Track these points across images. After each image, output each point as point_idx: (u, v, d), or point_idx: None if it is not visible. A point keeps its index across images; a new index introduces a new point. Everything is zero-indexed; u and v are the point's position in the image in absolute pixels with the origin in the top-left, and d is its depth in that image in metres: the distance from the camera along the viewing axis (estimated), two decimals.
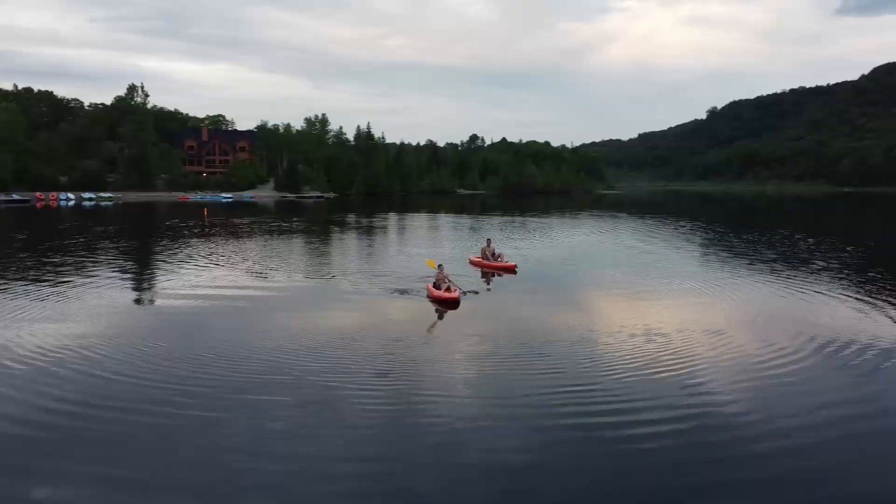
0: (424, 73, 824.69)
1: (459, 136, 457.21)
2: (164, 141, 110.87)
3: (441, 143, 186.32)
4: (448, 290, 16.84)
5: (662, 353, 12.53)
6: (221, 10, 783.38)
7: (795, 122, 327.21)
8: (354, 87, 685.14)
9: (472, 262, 25.07)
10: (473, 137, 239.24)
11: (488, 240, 25.99)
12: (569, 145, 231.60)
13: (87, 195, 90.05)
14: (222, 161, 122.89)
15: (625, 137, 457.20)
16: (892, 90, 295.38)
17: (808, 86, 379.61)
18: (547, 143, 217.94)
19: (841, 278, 22.45)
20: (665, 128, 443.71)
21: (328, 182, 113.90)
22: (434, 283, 17.42)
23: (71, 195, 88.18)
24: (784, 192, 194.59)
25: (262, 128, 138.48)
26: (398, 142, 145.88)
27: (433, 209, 77.80)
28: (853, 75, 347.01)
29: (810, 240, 37.62)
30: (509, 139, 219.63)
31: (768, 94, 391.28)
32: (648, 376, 11.12)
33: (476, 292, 18.35)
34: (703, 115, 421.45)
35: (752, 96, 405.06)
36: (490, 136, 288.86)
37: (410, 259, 26.80)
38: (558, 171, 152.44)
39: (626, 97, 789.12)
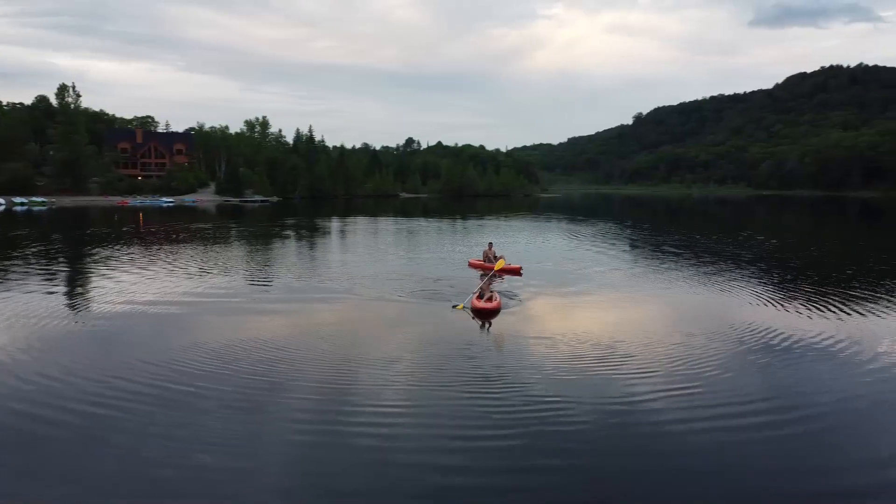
0: (354, 76, 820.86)
1: (393, 140, 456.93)
2: (92, 143, 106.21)
3: (376, 147, 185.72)
4: (489, 300, 16.62)
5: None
6: (138, 7, 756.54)
7: (716, 128, 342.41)
8: (283, 89, 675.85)
9: (473, 265, 25.21)
10: (409, 141, 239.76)
11: (490, 243, 26.17)
12: (502, 149, 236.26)
13: (18, 199, 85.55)
14: (158, 164, 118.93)
15: (555, 142, 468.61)
16: (803, 98, 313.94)
17: (726, 93, 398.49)
18: (482, 147, 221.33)
19: (761, 276, 24.03)
20: (593, 132, 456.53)
21: (271, 186, 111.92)
22: (479, 294, 17.06)
23: (1, 199, 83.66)
24: (708, 194, 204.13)
25: (199, 130, 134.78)
26: (332, 145, 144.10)
27: (382, 213, 77.78)
28: (768, 84, 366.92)
29: (736, 239, 40.72)
30: (445, 143, 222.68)
31: (690, 101, 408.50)
32: (569, 376, 11.32)
33: (521, 301, 17.92)
34: (629, 121, 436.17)
35: (674, 103, 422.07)
36: (426, 140, 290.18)
37: (379, 264, 26.68)
38: (498, 174, 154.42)
39: (553, 102, 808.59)
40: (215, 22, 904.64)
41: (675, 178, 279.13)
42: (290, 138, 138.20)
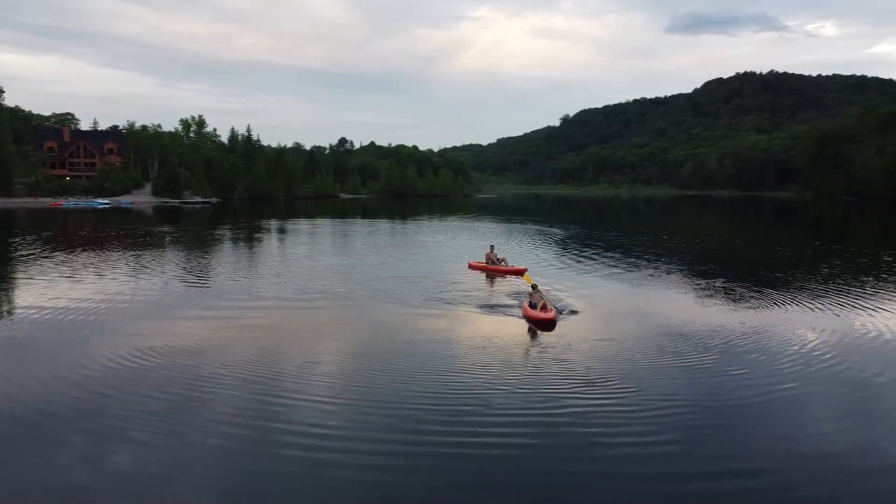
0: (281, 74, 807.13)
1: (325, 139, 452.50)
2: (12, 142, 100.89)
3: (307, 146, 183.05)
4: (544, 308, 16.06)
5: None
6: None
7: (639, 131, 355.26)
8: (205, 86, 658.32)
9: (473, 267, 25.86)
10: (343, 141, 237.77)
11: (492, 246, 26.94)
12: (434, 149, 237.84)
13: None
14: (88, 164, 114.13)
15: (484, 142, 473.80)
16: (720, 103, 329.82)
17: (648, 97, 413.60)
18: (415, 148, 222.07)
19: (685, 272, 26.22)
20: (521, 133, 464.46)
21: (210, 186, 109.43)
22: (530, 303, 16.54)
23: None
24: (636, 194, 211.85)
25: (130, 129, 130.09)
26: (265, 144, 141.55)
27: (329, 214, 77.50)
28: (687, 88, 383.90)
29: (663, 237, 44.53)
30: (378, 143, 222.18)
31: (614, 104, 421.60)
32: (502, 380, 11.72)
33: (575, 311, 17.37)
34: (556, 122, 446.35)
35: (599, 105, 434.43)
36: (359, 140, 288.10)
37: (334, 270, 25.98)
38: (436, 175, 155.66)
39: (482, 103, 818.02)
40: (131, 15, 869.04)
41: (604, 178, 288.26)
42: (222, 138, 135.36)
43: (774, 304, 18.73)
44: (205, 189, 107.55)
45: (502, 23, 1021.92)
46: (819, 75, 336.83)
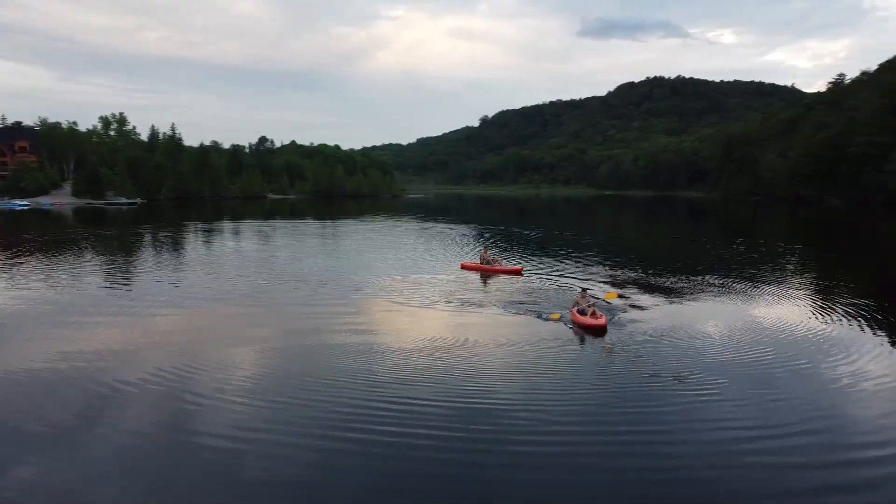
0: (193, 70, 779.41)
1: (242, 138, 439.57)
2: None
3: (226, 145, 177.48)
4: (593, 315, 16.07)
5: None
6: None
7: (557, 132, 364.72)
8: (110, 81, 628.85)
9: (466, 267, 26.60)
10: (263, 139, 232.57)
11: (485, 247, 27.95)
12: (356, 148, 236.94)
13: None
14: None
15: (404, 142, 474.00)
16: (632, 106, 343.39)
17: (564, 99, 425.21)
18: (337, 147, 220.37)
19: (603, 266, 28.77)
20: (440, 133, 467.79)
21: (133, 186, 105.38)
22: (578, 309, 16.53)
23: None
24: (555, 194, 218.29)
25: (44, 125, 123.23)
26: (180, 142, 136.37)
27: (264, 215, 76.60)
28: (601, 91, 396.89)
29: (588, 235, 47.92)
30: (300, 142, 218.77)
31: (532, 105, 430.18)
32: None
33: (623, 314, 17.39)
34: (475, 123, 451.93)
35: (517, 106, 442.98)
36: (280, 139, 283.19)
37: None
38: (365, 175, 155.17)
39: (401, 103, 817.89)
40: (27, 3, 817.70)
41: (524, 178, 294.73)
42: (141, 136, 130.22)
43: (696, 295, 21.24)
44: (129, 189, 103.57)
45: (421, 23, 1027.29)
46: (722, 81, 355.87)
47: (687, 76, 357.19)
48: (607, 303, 17.29)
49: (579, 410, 10.86)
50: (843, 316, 18.02)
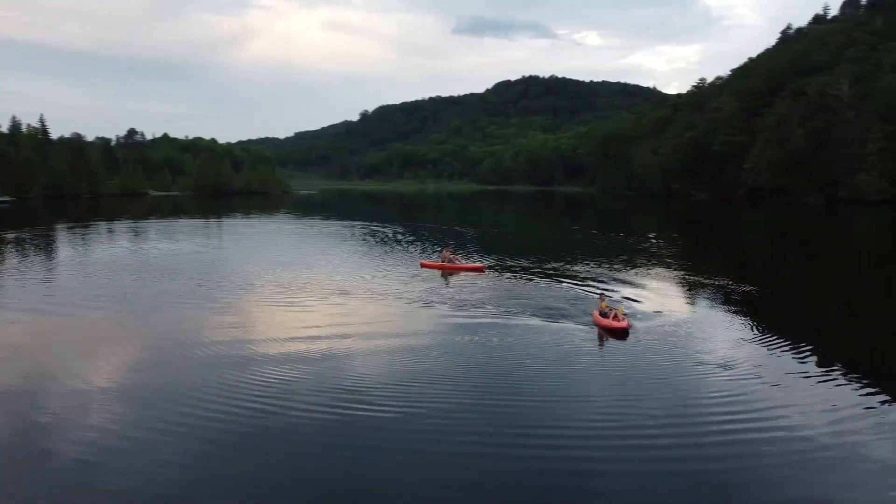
0: (35, 54, 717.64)
1: (104, 130, 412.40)
2: None
3: (89, 138, 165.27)
4: (615, 318, 16.20)
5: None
6: None
7: (438, 128, 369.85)
8: None
9: (427, 266, 27.20)
10: (132, 132, 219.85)
11: (447, 247, 28.55)
12: (231, 142, 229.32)
13: None
14: None
15: (282, 136, 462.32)
16: (510, 103, 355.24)
17: (443, 95, 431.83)
18: (214, 141, 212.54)
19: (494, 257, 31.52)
20: (319, 127, 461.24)
21: (0, 184, 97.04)
22: (600, 311, 16.70)
23: None
24: (440, 189, 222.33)
25: None
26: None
27: (145, 214, 73.31)
28: (479, 88, 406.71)
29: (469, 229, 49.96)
30: (172, 135, 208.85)
31: (411, 101, 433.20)
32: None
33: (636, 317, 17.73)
34: (355, 117, 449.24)
35: (397, 102, 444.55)
36: (150, 132, 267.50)
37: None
38: (254, 170, 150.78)
39: (276, 96, 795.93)
40: None
41: (409, 173, 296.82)
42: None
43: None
44: None
45: (293, 14, 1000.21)
46: (592, 81, 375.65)
47: (560, 76, 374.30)
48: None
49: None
50: (708, 298, 21.55)
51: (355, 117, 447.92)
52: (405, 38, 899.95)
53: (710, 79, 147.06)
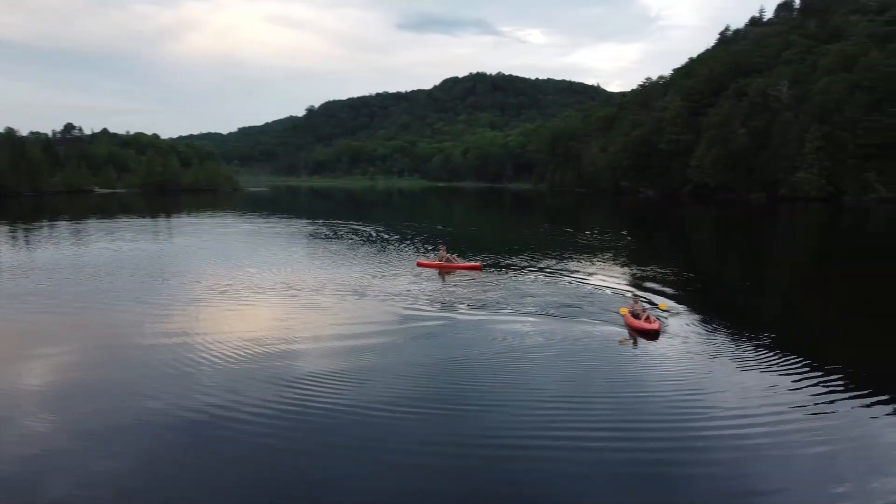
0: None
1: (37, 124, 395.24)
2: None
3: (23, 132, 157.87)
4: (647, 319, 16.16)
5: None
6: None
7: (385, 124, 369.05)
8: None
9: (423, 265, 27.15)
10: (69, 126, 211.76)
11: (444, 246, 28.43)
12: (172, 138, 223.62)
13: None
14: None
15: (224, 131, 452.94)
16: (457, 100, 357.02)
17: (390, 91, 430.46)
18: (156, 136, 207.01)
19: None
20: (263, 123, 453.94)
21: None
22: (632, 313, 16.70)
23: None
24: (391, 186, 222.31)
25: None
26: None
27: (98, 213, 70.86)
28: (426, 84, 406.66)
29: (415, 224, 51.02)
30: (112, 130, 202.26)
31: (358, 97, 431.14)
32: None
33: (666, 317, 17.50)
34: (300, 113, 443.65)
35: (343, 97, 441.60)
36: (89, 126, 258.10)
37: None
38: (202, 166, 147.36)
39: (218, 90, 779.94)
40: None
41: (358, 170, 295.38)
42: None
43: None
44: None
45: (234, 6, 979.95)
46: (537, 78, 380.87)
47: (507, 73, 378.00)
48: (661, 311, 17.57)
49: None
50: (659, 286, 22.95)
51: (300, 112, 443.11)
52: (349, 33, 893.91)
53: (651, 77, 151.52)
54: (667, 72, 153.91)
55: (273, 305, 19.96)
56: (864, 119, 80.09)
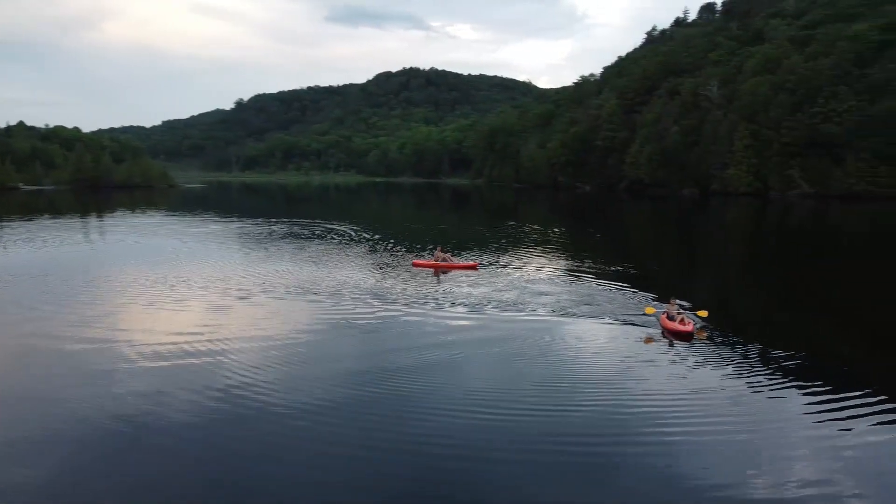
0: None
1: None
2: None
3: None
4: (682, 322, 16.31)
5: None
6: None
7: (318, 118, 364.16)
8: None
9: (419, 265, 27.18)
10: None
11: (439, 247, 28.59)
12: (93, 131, 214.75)
13: None
14: None
15: (147, 124, 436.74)
16: (391, 95, 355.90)
17: (322, 85, 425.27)
18: (77, 129, 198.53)
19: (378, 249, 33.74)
20: (188, 116, 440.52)
21: None
22: (668, 315, 16.80)
23: None
24: (327, 181, 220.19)
25: None
26: None
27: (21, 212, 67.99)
28: (359, 79, 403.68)
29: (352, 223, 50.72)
30: (29, 123, 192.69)
31: (289, 90, 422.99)
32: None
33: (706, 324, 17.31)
34: (228, 106, 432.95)
35: (274, 91, 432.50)
36: (3, 119, 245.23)
37: None
38: (136, 162, 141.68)
39: (137, 81, 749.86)
40: None
41: (292, 165, 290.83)
42: None
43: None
44: None
45: None
46: (469, 74, 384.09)
47: (439, 68, 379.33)
48: (698, 317, 17.44)
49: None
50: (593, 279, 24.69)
51: (228, 106, 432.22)
52: (277, 25, 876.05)
53: (578, 75, 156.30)
54: (595, 69, 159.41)
55: (219, 308, 19.62)
56: (788, 119, 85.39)
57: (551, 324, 17.85)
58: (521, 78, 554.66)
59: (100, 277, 25.30)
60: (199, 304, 20.20)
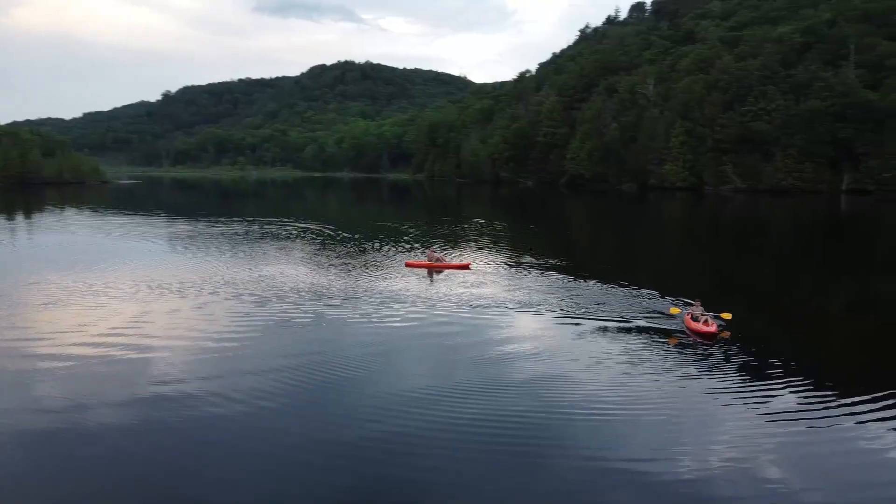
0: None
1: None
2: None
3: None
4: (706, 323, 16.54)
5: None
6: None
7: (250, 111, 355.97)
8: None
9: (411, 265, 27.07)
10: None
11: (432, 247, 29.04)
12: (5, 123, 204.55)
13: None
14: None
15: (67, 116, 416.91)
16: (327, 88, 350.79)
17: (254, 77, 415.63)
18: None
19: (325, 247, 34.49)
20: (111, 108, 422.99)
21: None
22: (692, 315, 17.04)
23: None
24: (265, 176, 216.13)
25: None
26: None
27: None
28: (293, 71, 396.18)
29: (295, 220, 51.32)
30: None
31: (219, 83, 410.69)
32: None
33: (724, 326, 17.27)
34: (153, 98, 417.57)
35: (202, 83, 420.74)
36: None
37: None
38: (66, 157, 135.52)
39: (53, 71, 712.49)
40: None
41: (226, 159, 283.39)
42: None
43: None
44: None
45: None
46: (405, 68, 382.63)
47: (375, 62, 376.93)
48: (722, 319, 17.42)
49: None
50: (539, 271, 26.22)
51: (155, 98, 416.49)
52: (203, 15, 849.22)
53: (512, 70, 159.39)
54: (529, 65, 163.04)
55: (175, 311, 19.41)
56: (721, 117, 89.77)
57: (497, 319, 18.75)
58: (455, 72, 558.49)
59: (22, 281, 24.18)
60: (127, 308, 19.59)
